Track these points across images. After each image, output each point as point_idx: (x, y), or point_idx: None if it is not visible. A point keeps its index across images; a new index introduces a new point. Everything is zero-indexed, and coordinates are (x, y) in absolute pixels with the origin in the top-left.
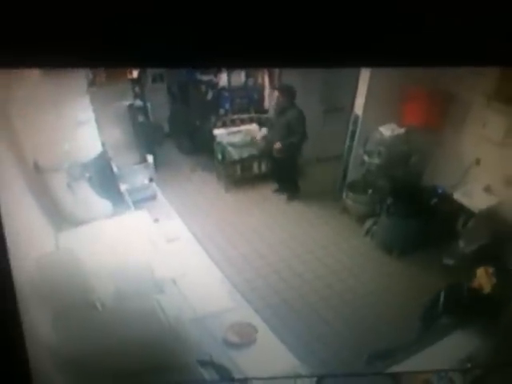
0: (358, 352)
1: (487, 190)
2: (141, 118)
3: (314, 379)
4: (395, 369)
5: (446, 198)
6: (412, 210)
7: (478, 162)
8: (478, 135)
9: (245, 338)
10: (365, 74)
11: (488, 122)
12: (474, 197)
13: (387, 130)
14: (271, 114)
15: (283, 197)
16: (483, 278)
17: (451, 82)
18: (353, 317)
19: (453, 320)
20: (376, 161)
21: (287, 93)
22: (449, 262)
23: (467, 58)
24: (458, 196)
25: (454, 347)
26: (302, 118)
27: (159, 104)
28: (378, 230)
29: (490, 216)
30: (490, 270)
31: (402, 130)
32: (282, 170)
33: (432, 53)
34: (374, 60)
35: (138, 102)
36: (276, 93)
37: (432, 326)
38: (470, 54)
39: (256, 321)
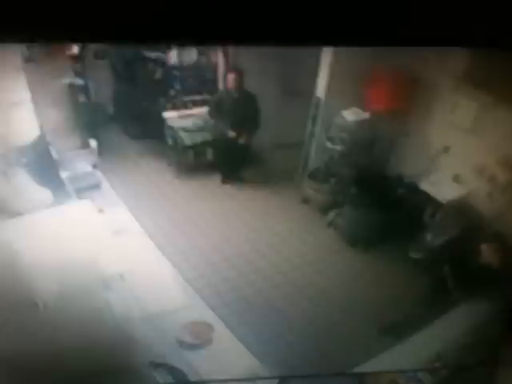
0: (322, 351)
1: (456, 179)
2: (82, 99)
3: (276, 381)
4: (360, 368)
5: (413, 188)
6: (377, 201)
7: (446, 149)
8: (446, 121)
9: (200, 337)
10: (326, 55)
11: (457, 108)
12: (443, 187)
13: (351, 115)
14: (224, 96)
15: (239, 186)
16: (490, 253)
17: (418, 65)
18: (316, 313)
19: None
20: (339, 148)
21: (241, 75)
22: (416, 255)
23: (433, 39)
24: (425, 186)
25: (422, 346)
26: (257, 102)
27: (102, 83)
28: (342, 222)
29: (460, 207)
30: (494, 245)
31: (366, 115)
32: (234, 157)
33: (396, 32)
34: (335, 39)
35: (79, 81)
36: (232, 75)
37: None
38: (436, 35)
39: (212, 319)
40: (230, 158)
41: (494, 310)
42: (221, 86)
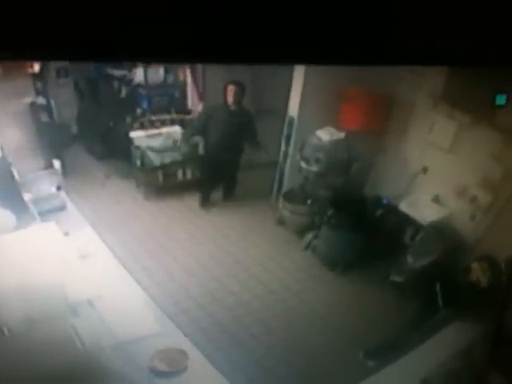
0: (303, 378)
1: (436, 200)
2: (44, 118)
3: None
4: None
5: (392, 209)
6: (355, 222)
7: (425, 170)
8: (424, 141)
9: (174, 365)
10: (299, 72)
11: (435, 127)
12: (422, 208)
13: (325, 135)
14: (216, 111)
15: (213, 207)
16: (479, 272)
17: (394, 83)
18: (295, 339)
19: (450, 315)
20: (314, 168)
21: (243, 89)
22: (396, 278)
23: (408, 57)
24: (404, 207)
25: (408, 370)
26: (253, 119)
27: (65, 102)
28: (319, 244)
29: (440, 229)
30: (485, 265)
31: (341, 135)
32: (225, 175)
33: (370, 50)
34: (307, 56)
35: (41, 100)
36: (233, 88)
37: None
38: (412, 52)
39: (186, 346)
40: (215, 179)
41: (482, 332)
42: (190, 104)
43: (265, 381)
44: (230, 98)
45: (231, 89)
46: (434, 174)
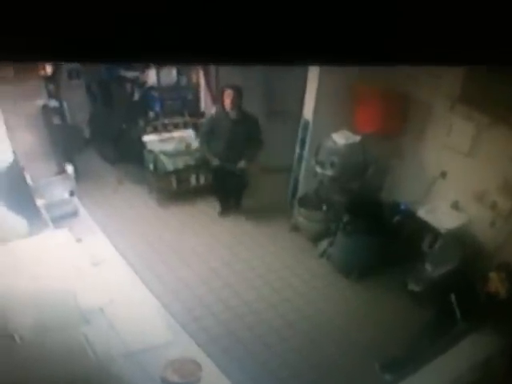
0: None
1: (455, 206)
2: (57, 121)
3: None
4: None
5: (410, 216)
6: (372, 229)
7: (443, 175)
8: (442, 144)
9: (187, 376)
10: (313, 73)
11: (453, 129)
12: (441, 214)
13: (341, 138)
14: (219, 118)
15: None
16: (497, 282)
17: (410, 84)
18: (310, 349)
19: (468, 326)
20: (329, 172)
21: (239, 92)
22: (414, 287)
23: (425, 57)
24: (422, 213)
25: (427, 383)
26: (258, 123)
27: (78, 104)
28: (335, 251)
29: (459, 236)
30: (503, 274)
31: (357, 138)
32: (236, 185)
33: (386, 50)
34: (321, 57)
35: (53, 103)
36: (230, 92)
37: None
38: (428, 52)
39: (199, 356)
40: (228, 188)
41: (501, 344)
42: (203, 106)
43: None
44: (228, 104)
45: (228, 94)
46: (452, 179)
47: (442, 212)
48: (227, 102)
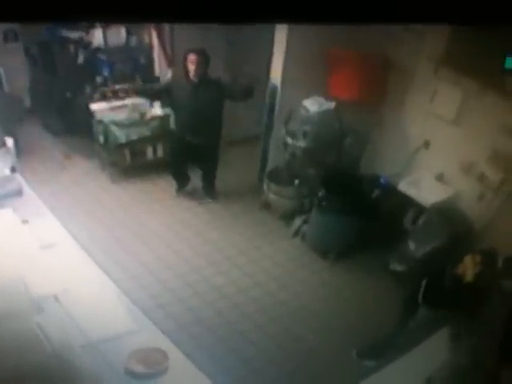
0: (293, 378)
1: (439, 178)
2: None
3: None
4: None
5: (391, 190)
6: (349, 205)
7: (426, 144)
8: (425, 112)
9: (152, 366)
10: (281, 33)
11: (437, 96)
12: (424, 188)
13: (313, 105)
14: (178, 85)
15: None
16: (469, 265)
17: (389, 45)
18: (284, 335)
19: (432, 313)
20: (301, 143)
21: (206, 58)
22: (397, 267)
23: (405, 13)
24: (404, 187)
25: (410, 370)
26: (224, 86)
27: (15, 70)
28: (309, 230)
29: (445, 211)
30: (478, 257)
31: (331, 105)
32: (202, 160)
33: (361, 6)
34: (289, 14)
35: None
36: (193, 57)
37: (411, 319)
38: (408, 8)
39: (165, 345)
40: (185, 164)
41: (485, 328)
42: (157, 70)
43: (252, 382)
44: (192, 70)
45: (192, 59)
46: (437, 149)
47: (425, 185)
48: (191, 68)
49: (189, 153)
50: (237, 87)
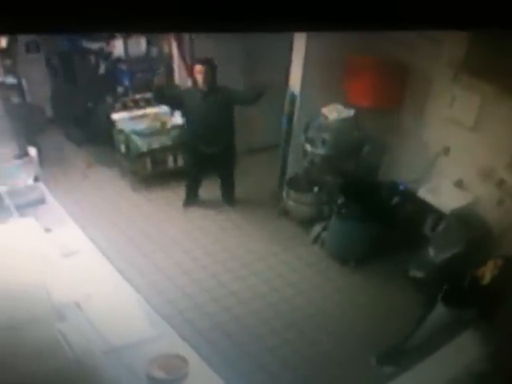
0: (307, 382)
1: (459, 185)
2: (15, 99)
3: None
4: None
5: (410, 196)
6: (368, 212)
7: (445, 150)
8: (444, 118)
9: (173, 372)
10: (300, 42)
11: (456, 101)
12: (444, 194)
13: (332, 113)
14: (189, 95)
15: (214, 200)
16: (489, 269)
17: (408, 52)
18: (301, 341)
19: (451, 317)
20: (320, 151)
21: (213, 67)
22: (416, 273)
23: (425, 20)
24: (423, 193)
25: (429, 376)
26: (231, 92)
27: (37, 80)
28: (328, 237)
29: (464, 217)
30: (500, 262)
31: (350, 112)
32: (218, 169)
33: (380, 14)
34: (308, 22)
35: (10, 79)
36: (199, 68)
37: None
38: (428, 15)
39: (185, 351)
40: (201, 174)
41: (506, 334)
42: (177, 80)
43: None
44: (200, 80)
45: (198, 69)
46: (456, 156)
47: (444, 191)
48: (199, 78)
49: (204, 162)
50: (247, 90)
